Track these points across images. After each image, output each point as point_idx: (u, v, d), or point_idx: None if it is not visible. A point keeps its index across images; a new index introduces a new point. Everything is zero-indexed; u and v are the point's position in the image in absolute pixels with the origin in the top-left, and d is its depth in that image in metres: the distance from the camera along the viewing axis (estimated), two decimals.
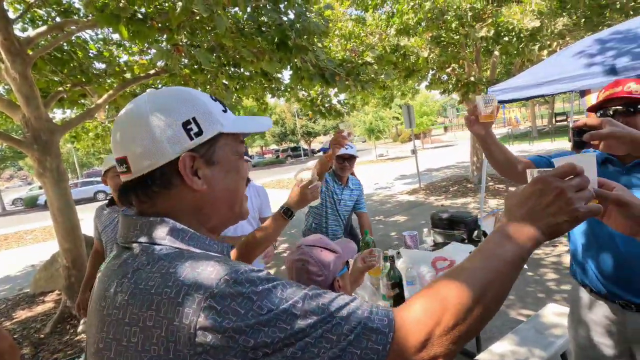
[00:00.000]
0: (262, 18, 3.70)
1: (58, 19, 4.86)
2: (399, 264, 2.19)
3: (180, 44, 3.05)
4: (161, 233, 0.55)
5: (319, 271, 1.38)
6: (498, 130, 30.37)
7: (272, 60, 3.47)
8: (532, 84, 3.73)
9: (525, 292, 3.49)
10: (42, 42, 4.46)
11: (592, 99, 3.75)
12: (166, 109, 0.58)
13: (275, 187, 14.89)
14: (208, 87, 4.65)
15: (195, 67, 4.58)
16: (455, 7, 5.83)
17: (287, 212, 1.33)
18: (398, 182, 12.49)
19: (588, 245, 1.44)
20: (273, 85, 6.53)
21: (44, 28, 4.29)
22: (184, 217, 0.59)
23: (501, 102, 4.00)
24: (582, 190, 0.54)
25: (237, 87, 5.94)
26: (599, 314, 1.42)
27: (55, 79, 5.04)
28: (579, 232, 1.49)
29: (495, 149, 1.36)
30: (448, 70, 8.52)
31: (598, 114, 1.35)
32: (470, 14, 5.84)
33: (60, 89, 4.69)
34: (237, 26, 3.73)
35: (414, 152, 11.00)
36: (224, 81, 5.27)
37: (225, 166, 0.63)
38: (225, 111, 0.65)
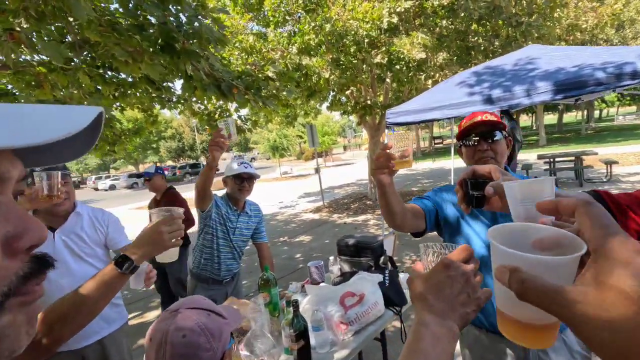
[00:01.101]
0: (144, 13, 3.12)
1: None
2: (304, 304, 1.89)
3: (18, 29, 2.29)
4: None
5: (207, 343, 0.97)
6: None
7: (153, 62, 2.92)
8: (426, 109, 3.97)
9: None
10: None
11: None
12: None
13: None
14: (71, 91, 3.75)
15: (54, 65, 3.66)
16: (353, 32, 6.08)
17: (122, 261, 0.88)
18: (302, 200, 12.47)
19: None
20: (163, 95, 5.78)
21: None
22: None
23: (398, 124, 4.18)
24: (477, 275, 0.53)
25: (116, 94, 5.05)
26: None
27: None
28: None
29: (394, 199, 1.18)
30: (347, 92, 8.90)
31: (461, 142, 1.43)
32: (366, 40, 6.16)
33: None
34: (109, 20, 3.07)
35: (317, 170, 11.15)
36: (97, 86, 4.39)
37: None
38: None
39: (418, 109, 4.01)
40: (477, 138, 1.37)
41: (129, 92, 5.15)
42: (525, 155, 15.67)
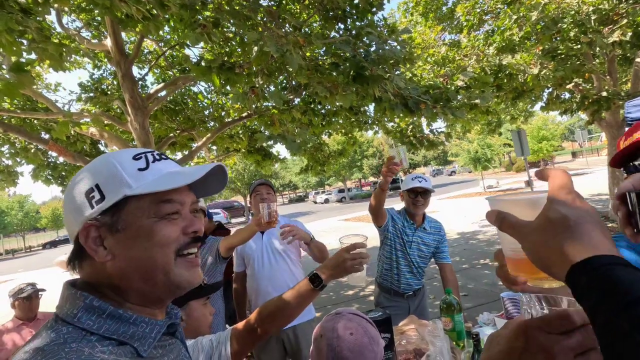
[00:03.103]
0: (338, 52, 3.65)
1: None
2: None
3: (257, 86, 3.17)
4: (74, 310, 0.54)
5: (369, 345, 1.06)
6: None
7: (345, 93, 3.33)
8: None
9: None
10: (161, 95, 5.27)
11: None
12: (78, 180, 0.59)
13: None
14: (291, 124, 4.78)
15: (284, 106, 4.80)
16: (572, 12, 4.89)
17: (314, 279, 1.04)
18: None
19: None
20: (360, 119, 6.44)
21: (161, 85, 5.08)
22: (105, 290, 0.57)
23: None
24: (586, 353, 0.40)
25: (323, 123, 6.01)
26: None
27: (173, 126, 5.90)
28: None
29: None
30: (569, 86, 7.17)
31: (623, 170, 0.95)
32: (594, 17, 4.80)
33: (171, 135, 5.41)
34: (314, 63, 3.75)
35: (528, 183, 9.45)
36: (310, 118, 5.38)
37: (133, 232, 0.57)
38: (144, 169, 0.59)
39: None
40: None
41: (333, 120, 6.01)
42: None
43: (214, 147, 8.07)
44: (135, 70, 5.32)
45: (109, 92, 5.59)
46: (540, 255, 0.40)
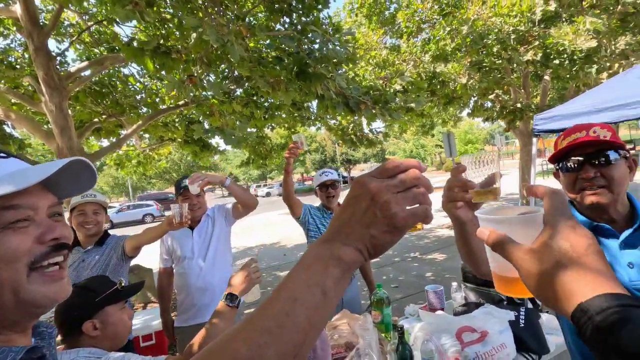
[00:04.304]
0: (282, 47, 3.60)
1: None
2: (416, 330, 1.77)
3: (195, 74, 3.00)
4: None
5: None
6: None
7: (288, 90, 3.31)
8: (589, 111, 3.19)
9: None
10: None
11: None
12: None
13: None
14: (232, 115, 4.61)
15: (225, 98, 4.61)
16: (496, 30, 5.42)
17: (228, 298, 1.18)
18: (439, 215, 11.70)
19: None
20: (303, 115, 6.46)
21: (84, 64, 4.56)
22: None
23: (550, 131, 3.48)
24: (407, 190, 0.43)
25: (266, 116, 5.91)
26: None
27: (98, 110, 5.33)
28: None
29: (479, 241, 0.83)
30: (491, 96, 7.96)
31: (559, 165, 1.13)
32: (513, 36, 5.39)
33: (96, 120, 4.91)
34: (257, 55, 3.66)
35: None
36: (252, 111, 5.25)
37: None
38: None
39: (579, 112, 3.24)
40: (580, 160, 1.05)
41: (276, 113, 5.94)
42: None
43: (147, 135, 7.50)
44: (52, 44, 4.71)
45: (17, 67, 4.87)
46: (542, 287, 0.39)
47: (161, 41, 3.57)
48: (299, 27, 3.82)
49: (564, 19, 5.47)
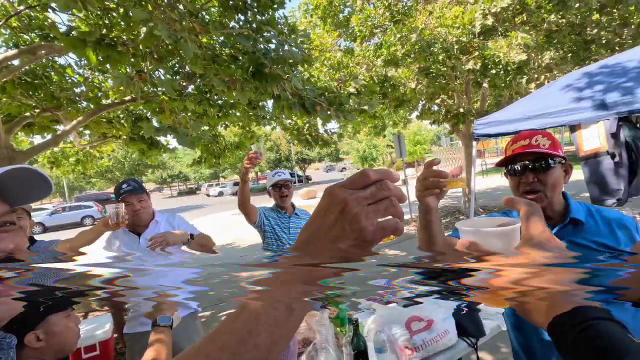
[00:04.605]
0: (237, 45, 3.56)
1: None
2: (369, 323, 1.88)
3: (145, 70, 2.87)
4: None
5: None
6: (490, 160, 30.56)
7: (244, 89, 3.28)
8: (521, 118, 3.56)
9: None
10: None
11: (583, 135, 3.59)
12: None
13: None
14: (186, 114, 4.45)
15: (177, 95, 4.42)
16: (441, 39, 5.81)
17: (158, 320, 1.26)
18: None
19: None
20: (258, 114, 6.40)
21: (13, 52, 4.13)
22: None
23: (486, 136, 3.83)
24: (378, 202, 0.41)
25: (220, 114, 5.77)
26: None
27: (30, 103, 4.84)
28: None
29: (438, 229, 1.01)
30: (437, 101, 8.48)
31: (507, 169, 1.28)
32: (456, 46, 5.82)
33: (27, 114, 4.47)
34: (211, 53, 3.58)
35: (404, 182, 10.82)
36: (205, 109, 5.10)
37: None
38: None
39: (512, 119, 3.61)
40: (522, 166, 1.19)
41: (230, 112, 5.82)
42: None
43: (87, 132, 6.95)
44: None
45: None
46: (519, 299, 0.40)
47: (104, 31, 3.35)
48: (254, 25, 3.79)
49: (499, 33, 6.02)
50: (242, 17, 4.02)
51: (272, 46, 3.70)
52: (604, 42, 6.67)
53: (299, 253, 0.43)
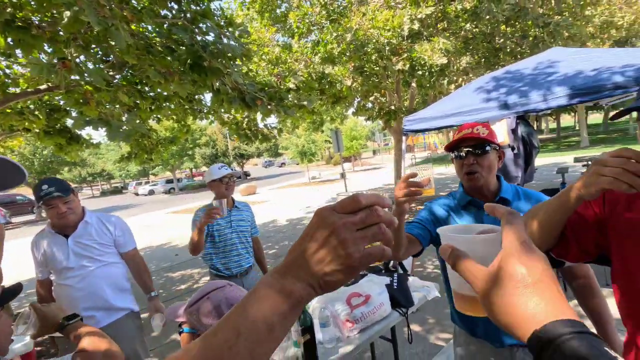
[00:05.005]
0: (173, 36, 3.45)
1: None
2: (314, 302, 2.04)
3: (69, 58, 2.65)
4: None
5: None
6: (419, 154, 33.04)
7: (182, 82, 3.21)
8: (441, 115, 4.01)
9: (445, 315, 3.58)
10: None
11: (496, 128, 4.15)
12: None
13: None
14: (114, 106, 4.16)
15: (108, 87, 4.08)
16: (374, 40, 6.20)
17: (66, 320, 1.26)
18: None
19: None
20: (195, 107, 6.18)
21: None
22: None
23: (414, 131, 4.24)
24: (366, 228, 0.42)
25: (152, 107, 5.47)
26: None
27: None
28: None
29: (403, 231, 1.26)
30: (371, 98, 8.98)
31: (453, 154, 1.48)
32: (387, 48, 6.26)
33: None
34: (145, 43, 3.41)
35: (342, 175, 11.27)
36: (136, 101, 4.80)
37: None
38: None
39: (435, 116, 4.05)
40: (466, 150, 1.43)
41: (164, 105, 5.55)
42: (564, 158, 14.93)
43: None
44: None
45: None
46: (497, 311, 0.40)
47: (11, 9, 3.00)
48: (189, 15, 3.69)
49: (424, 37, 6.60)
50: (176, 6, 3.88)
51: (210, 39, 3.65)
52: (509, 50, 7.70)
53: (282, 273, 0.44)
